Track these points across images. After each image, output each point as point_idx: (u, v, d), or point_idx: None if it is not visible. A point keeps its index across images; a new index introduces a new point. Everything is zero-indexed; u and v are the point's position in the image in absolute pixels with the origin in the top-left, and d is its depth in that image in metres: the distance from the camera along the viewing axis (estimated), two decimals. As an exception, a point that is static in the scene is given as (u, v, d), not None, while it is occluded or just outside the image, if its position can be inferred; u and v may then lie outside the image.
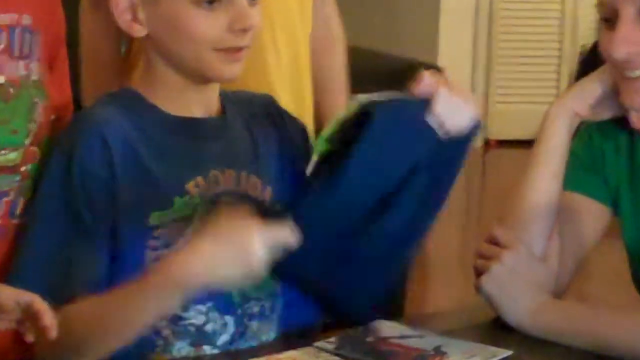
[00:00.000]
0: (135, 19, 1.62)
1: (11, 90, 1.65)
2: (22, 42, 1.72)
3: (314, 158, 1.61)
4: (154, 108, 1.68)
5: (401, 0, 5.75)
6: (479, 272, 1.76)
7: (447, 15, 5.62)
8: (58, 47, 1.85)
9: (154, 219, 1.63)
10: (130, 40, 2.13)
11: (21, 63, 1.70)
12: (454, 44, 5.62)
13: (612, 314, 1.73)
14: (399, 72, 2.47)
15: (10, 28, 1.72)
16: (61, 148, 1.62)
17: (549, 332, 1.69)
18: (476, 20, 5.71)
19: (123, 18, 1.63)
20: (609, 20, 1.70)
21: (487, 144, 5.76)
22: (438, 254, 4.20)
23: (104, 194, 1.60)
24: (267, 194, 1.73)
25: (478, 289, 1.76)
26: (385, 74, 2.45)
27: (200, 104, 1.70)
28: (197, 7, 1.60)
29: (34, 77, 1.72)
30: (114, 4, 1.63)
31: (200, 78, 1.67)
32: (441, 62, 4.94)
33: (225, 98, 1.74)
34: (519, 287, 1.73)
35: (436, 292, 3.95)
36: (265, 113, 1.79)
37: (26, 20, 1.75)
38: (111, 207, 1.61)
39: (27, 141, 1.65)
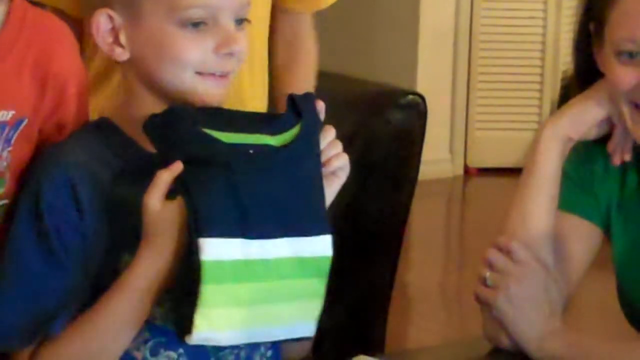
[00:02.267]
0: (116, 41, 1.60)
1: None
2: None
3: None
4: (131, 143, 1.65)
5: (379, 25, 5.77)
6: (484, 282, 1.75)
7: (426, 40, 5.64)
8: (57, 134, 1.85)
9: (124, 262, 1.60)
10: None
11: None
12: (432, 69, 5.64)
13: (625, 348, 1.70)
14: (367, 98, 2.45)
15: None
16: (29, 188, 1.62)
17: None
18: (455, 45, 5.73)
19: (104, 41, 1.60)
20: (632, 55, 1.70)
21: (467, 172, 5.78)
22: (418, 286, 4.19)
23: (74, 233, 1.59)
24: None
25: (485, 305, 1.75)
26: (362, 101, 2.42)
27: None
28: (182, 29, 1.59)
29: None
30: (95, 26, 1.60)
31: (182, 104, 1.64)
32: (420, 87, 4.96)
33: None
34: (534, 311, 1.72)
35: (417, 325, 3.90)
36: None
37: (4, 116, 1.76)
38: (83, 246, 1.61)
39: None
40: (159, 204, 1.50)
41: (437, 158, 5.07)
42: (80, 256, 1.60)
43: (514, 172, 5.26)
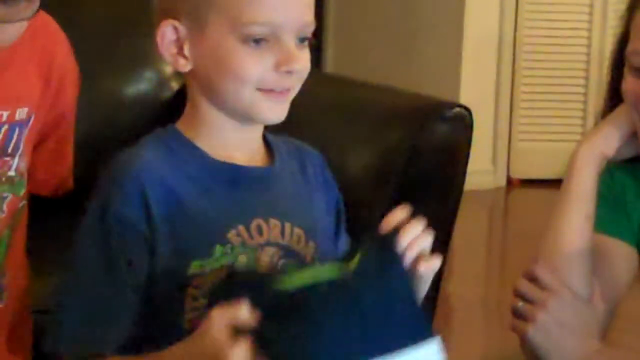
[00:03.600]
0: (180, 52, 1.61)
1: None
2: (9, 139, 1.81)
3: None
4: (196, 151, 1.65)
5: (422, 38, 5.74)
6: (517, 313, 1.76)
7: (470, 52, 5.62)
8: (55, 127, 1.95)
9: (193, 268, 1.60)
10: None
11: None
12: (476, 79, 5.62)
13: None
14: (413, 111, 2.44)
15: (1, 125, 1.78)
16: (98, 196, 1.60)
17: None
18: (499, 56, 5.72)
19: (169, 51, 1.61)
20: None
21: (510, 183, 5.77)
22: (460, 296, 4.18)
23: (142, 246, 1.58)
24: (310, 248, 1.70)
25: (520, 336, 1.75)
26: (408, 113, 2.42)
27: (244, 148, 1.68)
28: (243, 45, 1.58)
29: (10, 173, 1.78)
30: (160, 36, 1.61)
31: (242, 119, 1.65)
32: (463, 99, 4.92)
33: (275, 147, 1.72)
34: (569, 336, 1.73)
35: (460, 336, 3.91)
36: (315, 168, 1.76)
37: (20, 114, 1.81)
38: (149, 259, 1.59)
39: None
40: (224, 333, 1.42)
41: (479, 169, 5.04)
42: (143, 272, 1.60)
43: (558, 183, 5.19)
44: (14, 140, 1.85)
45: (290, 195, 1.70)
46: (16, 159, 1.83)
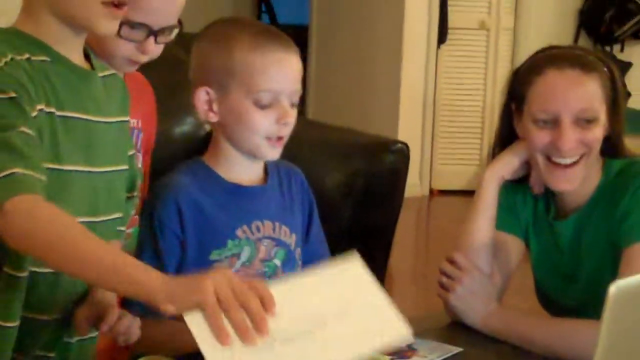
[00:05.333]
0: (210, 109, 1.58)
1: None
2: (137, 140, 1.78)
3: None
4: (215, 175, 1.64)
5: (373, 94, 5.71)
6: (442, 286, 1.74)
7: (405, 104, 5.60)
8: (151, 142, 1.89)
9: (213, 255, 1.59)
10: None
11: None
12: (409, 123, 5.59)
13: (540, 322, 1.68)
14: (369, 145, 2.44)
15: (134, 129, 1.74)
16: (147, 210, 1.60)
17: (496, 333, 1.67)
18: (424, 106, 5.68)
19: (202, 108, 1.58)
20: (546, 122, 1.67)
21: (431, 193, 5.76)
22: (397, 272, 4.13)
23: (176, 243, 1.58)
24: (292, 238, 1.69)
25: (444, 302, 1.74)
26: (364, 148, 2.41)
27: (249, 173, 1.67)
28: (255, 106, 1.57)
29: (139, 166, 1.72)
30: (197, 97, 1.58)
31: (250, 156, 1.63)
32: (401, 136, 4.94)
33: (270, 170, 1.70)
34: (477, 301, 1.71)
35: (398, 297, 3.89)
36: (297, 182, 1.75)
37: (138, 124, 1.79)
38: (179, 249, 1.59)
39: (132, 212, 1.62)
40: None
41: (410, 183, 4.97)
42: (176, 256, 1.59)
43: (463, 192, 5.32)
44: (139, 143, 1.81)
45: (278, 203, 1.69)
46: (140, 155, 1.79)
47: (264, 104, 1.57)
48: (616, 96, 1.72)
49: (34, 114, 1.27)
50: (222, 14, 6.42)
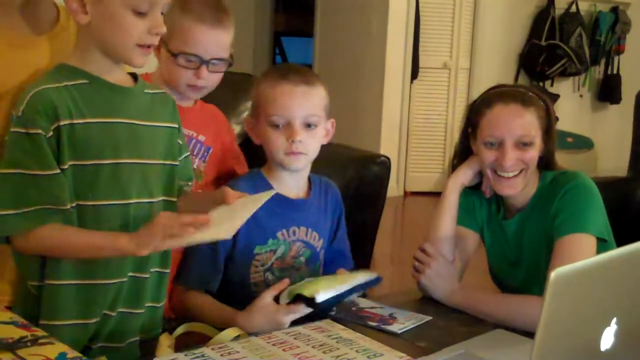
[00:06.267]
0: (252, 132, 1.64)
1: None
2: (196, 149, 1.72)
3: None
4: (268, 186, 1.60)
5: (361, 117, 5.68)
6: (416, 270, 1.73)
7: (385, 125, 5.56)
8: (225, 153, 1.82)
9: (256, 249, 1.58)
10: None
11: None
12: (389, 141, 5.55)
13: (492, 297, 1.66)
14: (359, 158, 2.42)
15: (190, 139, 1.69)
16: None
17: (458, 306, 1.65)
18: (400, 127, 5.65)
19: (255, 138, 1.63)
20: (493, 144, 1.67)
21: (406, 193, 5.71)
22: (379, 256, 4.09)
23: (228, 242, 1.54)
24: (320, 242, 1.67)
25: (417, 281, 1.73)
26: (351, 159, 2.40)
27: (294, 187, 1.64)
28: (271, 127, 1.57)
29: (194, 166, 1.68)
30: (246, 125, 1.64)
31: (282, 168, 1.60)
32: (382, 150, 4.94)
33: (313, 184, 1.67)
34: (442, 281, 1.69)
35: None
36: (333, 195, 1.73)
37: (201, 137, 1.73)
38: (231, 243, 1.56)
39: None
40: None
41: (390, 186, 4.97)
42: (227, 250, 1.57)
43: (430, 194, 5.31)
44: (196, 151, 1.75)
45: (315, 212, 1.66)
46: (196, 160, 1.74)
47: (275, 125, 1.55)
48: (550, 124, 1.72)
49: (50, 133, 1.25)
50: (244, 55, 6.40)
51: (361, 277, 1.48)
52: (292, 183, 1.63)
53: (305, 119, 1.57)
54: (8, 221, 1.24)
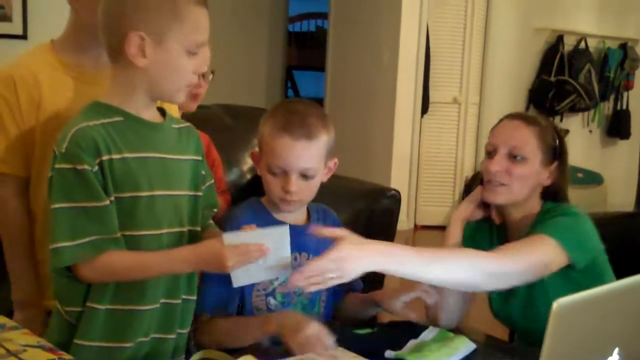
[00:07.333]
0: (258, 168, 1.65)
1: None
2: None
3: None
4: (267, 213, 1.63)
5: (372, 153, 5.69)
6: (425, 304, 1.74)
7: (396, 160, 5.56)
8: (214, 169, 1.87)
9: None
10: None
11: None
12: (399, 175, 5.54)
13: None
14: (370, 191, 2.44)
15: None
16: None
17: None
18: (411, 162, 5.64)
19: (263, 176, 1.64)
20: (491, 153, 1.70)
21: (416, 227, 5.69)
22: (390, 284, 4.06)
23: None
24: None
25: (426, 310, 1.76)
26: (362, 192, 2.42)
27: (295, 216, 1.67)
28: (270, 174, 1.61)
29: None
30: (253, 157, 1.66)
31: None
32: (393, 184, 4.91)
33: (311, 212, 1.70)
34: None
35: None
36: (331, 220, 1.75)
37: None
38: None
39: None
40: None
41: (400, 219, 4.96)
42: None
43: (440, 227, 5.28)
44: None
45: (315, 240, 1.65)
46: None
47: (275, 172, 1.58)
48: (562, 154, 1.72)
49: (95, 168, 1.30)
50: (257, 89, 6.46)
51: (464, 349, 1.49)
52: (291, 214, 1.66)
53: (302, 171, 1.60)
54: (65, 253, 1.29)
